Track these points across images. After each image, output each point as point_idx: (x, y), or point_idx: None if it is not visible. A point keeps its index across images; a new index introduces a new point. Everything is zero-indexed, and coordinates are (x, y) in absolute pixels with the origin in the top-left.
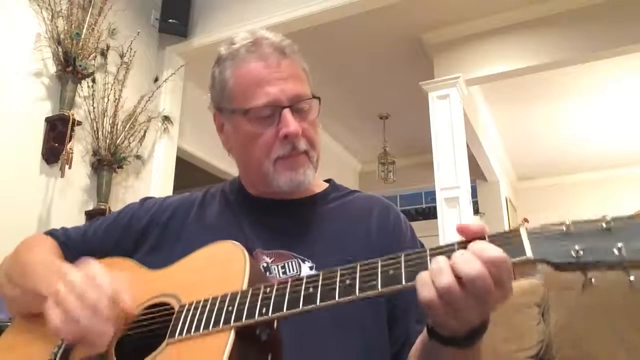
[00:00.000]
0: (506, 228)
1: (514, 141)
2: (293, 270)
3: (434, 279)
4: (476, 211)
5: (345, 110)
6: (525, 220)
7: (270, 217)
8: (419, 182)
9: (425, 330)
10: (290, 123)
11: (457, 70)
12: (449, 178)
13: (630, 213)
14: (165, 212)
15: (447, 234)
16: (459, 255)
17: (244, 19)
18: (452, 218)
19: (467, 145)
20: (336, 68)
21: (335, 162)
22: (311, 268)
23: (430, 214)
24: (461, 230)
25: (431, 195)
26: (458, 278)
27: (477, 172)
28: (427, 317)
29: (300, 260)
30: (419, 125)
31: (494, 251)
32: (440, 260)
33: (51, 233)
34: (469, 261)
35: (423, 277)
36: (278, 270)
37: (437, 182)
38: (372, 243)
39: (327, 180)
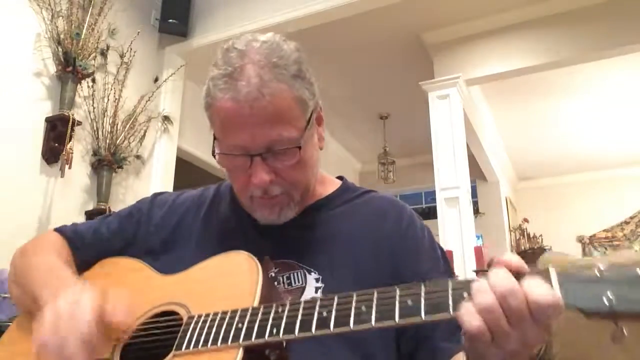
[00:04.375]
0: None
1: (514, 141)
2: (299, 281)
3: (475, 297)
4: (476, 211)
5: (345, 110)
6: (526, 220)
7: (277, 224)
8: (419, 182)
9: None
10: (257, 174)
11: (457, 70)
12: (449, 178)
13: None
14: (176, 213)
15: (447, 234)
16: (492, 275)
17: (244, 19)
18: (452, 218)
19: (467, 145)
20: (336, 68)
21: (335, 162)
22: (317, 280)
23: (430, 214)
24: (499, 263)
25: (431, 195)
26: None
27: (477, 172)
28: (466, 352)
29: (306, 271)
30: (419, 125)
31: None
32: (481, 281)
33: (61, 231)
34: (503, 276)
35: (467, 306)
36: (284, 281)
37: (437, 182)
38: (384, 251)
39: (339, 177)
